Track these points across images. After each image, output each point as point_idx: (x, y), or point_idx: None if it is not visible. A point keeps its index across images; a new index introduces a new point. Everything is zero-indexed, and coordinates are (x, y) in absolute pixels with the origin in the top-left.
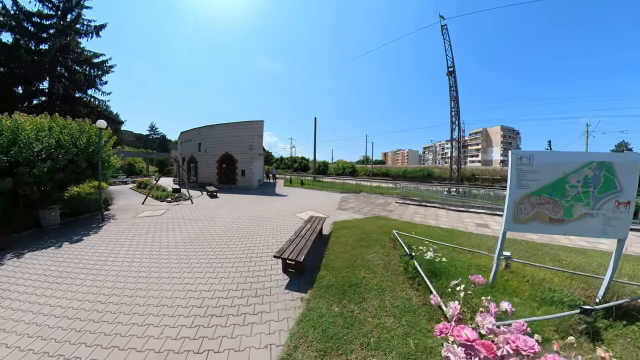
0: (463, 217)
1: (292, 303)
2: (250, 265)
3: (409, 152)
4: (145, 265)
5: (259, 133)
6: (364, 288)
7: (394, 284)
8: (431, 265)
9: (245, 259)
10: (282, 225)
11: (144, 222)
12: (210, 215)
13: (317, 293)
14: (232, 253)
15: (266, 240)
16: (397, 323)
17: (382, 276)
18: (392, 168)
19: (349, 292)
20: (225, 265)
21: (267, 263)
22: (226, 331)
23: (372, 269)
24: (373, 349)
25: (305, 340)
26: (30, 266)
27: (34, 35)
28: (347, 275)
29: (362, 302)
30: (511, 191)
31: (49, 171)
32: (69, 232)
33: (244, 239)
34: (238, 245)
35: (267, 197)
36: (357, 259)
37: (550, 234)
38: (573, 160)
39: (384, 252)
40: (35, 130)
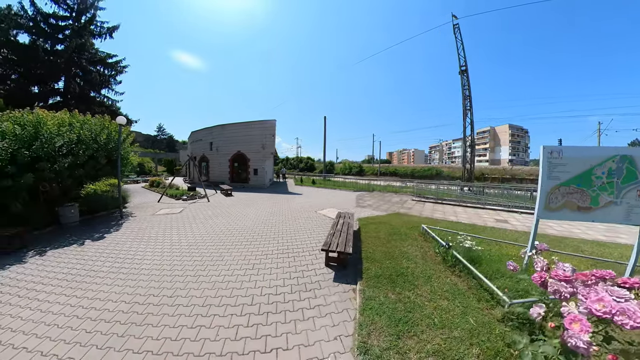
0: (481, 213)
1: (345, 295)
2: (289, 261)
3: (414, 152)
4: (177, 263)
5: (272, 132)
6: (411, 276)
7: (437, 272)
8: (468, 254)
9: (282, 255)
10: (308, 222)
11: (165, 220)
12: (230, 212)
13: (369, 283)
14: (267, 250)
15: (297, 236)
16: (452, 304)
17: (424, 265)
18: (399, 167)
19: (399, 281)
20: (264, 262)
21: (306, 258)
22: (288, 327)
23: (411, 259)
24: (439, 327)
25: (375, 327)
26: (54, 264)
27: (50, 36)
28: (390, 266)
29: (414, 289)
30: (543, 182)
31: (70, 167)
32: (89, 230)
33: (275, 235)
34: (271, 242)
35: (282, 195)
36: (394, 251)
37: (578, 220)
38: (598, 154)
39: (418, 244)
40: (57, 125)
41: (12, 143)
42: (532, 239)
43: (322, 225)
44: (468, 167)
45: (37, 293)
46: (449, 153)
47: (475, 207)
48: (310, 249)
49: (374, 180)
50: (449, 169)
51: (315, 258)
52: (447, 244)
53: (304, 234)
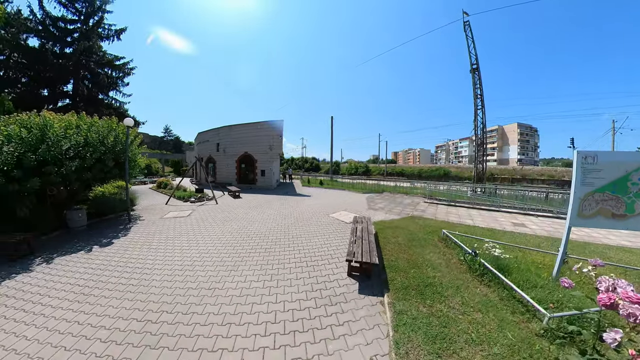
0: (496, 216)
1: (374, 308)
2: (309, 271)
3: (420, 152)
4: (190, 274)
5: (279, 132)
6: (440, 287)
7: (465, 282)
8: (496, 262)
9: (301, 263)
10: (322, 227)
11: (173, 224)
12: (240, 216)
13: (398, 295)
14: (284, 258)
15: (313, 242)
16: (487, 318)
17: (450, 274)
18: (406, 167)
19: (428, 292)
20: (282, 272)
21: (326, 267)
22: (319, 348)
23: (436, 268)
24: (478, 343)
25: (412, 345)
26: (61, 273)
27: (59, 39)
28: (416, 275)
29: (445, 301)
30: (576, 188)
31: (77, 170)
32: (96, 234)
33: (289, 241)
34: (286, 249)
35: (291, 197)
36: (417, 259)
37: (612, 228)
38: (635, 160)
39: (439, 251)
40: (64, 127)
41: (18, 147)
42: (563, 248)
43: (337, 230)
44: (480, 168)
45: (42, 307)
46: (456, 152)
47: (490, 210)
48: (329, 257)
49: (382, 181)
50: (457, 169)
51: (335, 267)
52: (474, 251)
53: (319, 240)
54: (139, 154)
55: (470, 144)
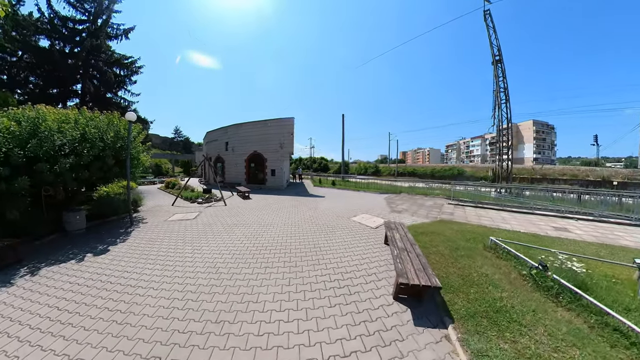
0: (532, 220)
1: (440, 347)
2: (344, 294)
3: (430, 151)
4: (192, 300)
5: (290, 130)
6: (512, 312)
7: (539, 304)
8: (574, 278)
9: (331, 283)
10: (346, 233)
11: (178, 228)
12: (252, 220)
13: (467, 327)
14: (308, 275)
15: (340, 253)
16: (586, 355)
17: (518, 295)
18: (418, 167)
19: (501, 320)
20: (312, 298)
21: (364, 287)
22: None
23: (498, 285)
24: None
25: None
26: (43, 289)
27: (68, 39)
28: (478, 296)
29: (527, 332)
30: None
31: (72, 168)
32: (94, 239)
33: (312, 253)
34: (309, 263)
35: (304, 198)
36: (471, 274)
37: None
38: None
39: (491, 262)
40: (58, 121)
41: (6, 141)
42: None
43: (365, 238)
44: (504, 167)
45: (9, 340)
46: (467, 152)
47: (522, 212)
48: (364, 273)
49: (394, 181)
50: (471, 168)
51: (375, 287)
52: (542, 264)
53: (347, 251)
54: (143, 151)
55: (482, 143)
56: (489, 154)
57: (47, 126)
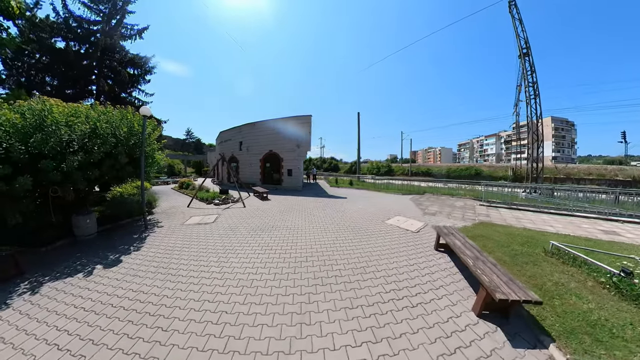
0: (576, 222)
1: None
2: (422, 314)
3: (441, 150)
4: (233, 332)
5: (307, 129)
6: (612, 327)
7: (633, 315)
8: None
9: (400, 301)
10: (388, 239)
11: (197, 233)
12: (277, 223)
13: (571, 346)
14: (370, 293)
15: (394, 263)
16: None
17: (607, 306)
18: (433, 167)
19: (604, 337)
20: (372, 312)
21: (439, 304)
22: None
23: (580, 295)
24: None
25: None
26: (42, 315)
27: (83, 39)
28: (565, 309)
29: (638, 350)
30: None
31: (81, 167)
32: (105, 246)
33: (362, 263)
34: (364, 276)
35: (325, 199)
36: (545, 283)
37: None
38: None
39: (561, 269)
40: (66, 114)
41: (7, 136)
42: None
43: (409, 243)
44: (535, 167)
45: None
46: (481, 151)
47: (562, 215)
48: (431, 286)
49: (411, 181)
50: (488, 168)
51: (450, 302)
52: (626, 271)
53: (395, 258)
54: (158, 149)
55: (497, 142)
56: (504, 153)
57: (54, 119)
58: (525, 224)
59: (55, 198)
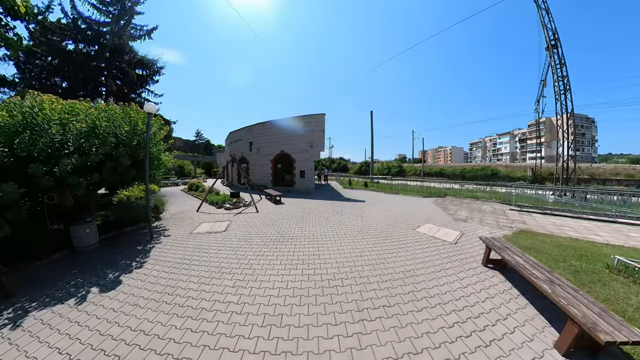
0: (622, 230)
1: None
2: (500, 357)
3: (452, 149)
4: None
5: (321, 128)
6: None
7: None
8: None
9: (468, 338)
10: (421, 250)
11: (208, 244)
12: (296, 232)
13: None
14: (430, 329)
15: (439, 287)
16: None
17: None
18: (446, 167)
19: None
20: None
21: (514, 338)
22: None
23: None
24: None
25: None
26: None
27: (92, 41)
28: None
29: None
30: None
31: (78, 171)
32: (105, 261)
33: (394, 279)
34: (415, 304)
35: (342, 203)
36: (625, 309)
37: None
38: None
39: (636, 291)
40: (60, 111)
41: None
42: None
43: (451, 257)
44: (566, 167)
45: None
46: (494, 150)
47: (604, 221)
48: (496, 315)
49: (425, 182)
50: (505, 168)
51: (526, 338)
52: None
53: (448, 281)
54: (165, 150)
55: (511, 140)
56: (519, 152)
57: (45, 116)
58: (568, 233)
59: (52, 205)
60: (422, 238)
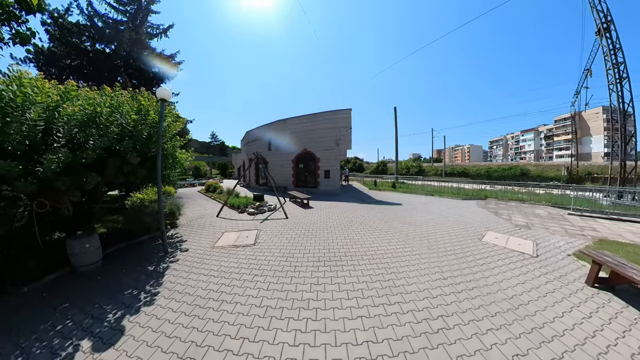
0: None
1: None
2: None
3: (470, 148)
4: None
5: (347, 124)
6: None
7: None
8: None
9: None
10: (512, 270)
11: (237, 266)
12: (345, 247)
13: None
14: None
15: (547, 314)
16: None
17: None
18: (469, 166)
19: None
20: None
21: None
22: None
23: None
24: None
25: None
26: None
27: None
28: None
29: None
30: None
31: (67, 169)
32: (106, 289)
33: (503, 312)
34: (526, 336)
35: (378, 206)
36: None
37: None
38: None
39: None
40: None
41: None
42: None
43: (548, 277)
44: (630, 165)
45: None
46: (517, 148)
47: None
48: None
49: (453, 183)
50: (535, 167)
51: None
52: None
53: (555, 308)
54: (182, 146)
55: (535, 137)
56: (545, 150)
57: (27, 97)
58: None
59: (44, 214)
60: (494, 250)
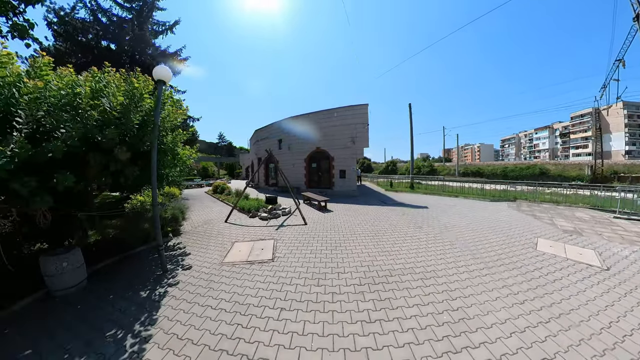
0: None
1: None
2: None
3: (480, 147)
4: None
5: (364, 120)
6: None
7: None
8: None
9: None
10: (590, 288)
11: (254, 291)
12: (384, 260)
13: None
14: None
15: None
16: None
17: None
18: (484, 166)
19: None
20: None
21: None
22: None
23: None
24: None
25: None
26: None
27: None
28: None
29: None
30: None
31: (29, 168)
32: (83, 326)
33: None
34: None
35: (401, 209)
36: None
37: None
38: None
39: None
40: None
41: None
42: None
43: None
44: None
45: None
46: (530, 146)
47: None
48: None
49: (472, 183)
50: (555, 166)
51: None
52: None
53: None
54: (183, 141)
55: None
56: (560, 148)
57: None
58: None
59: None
60: (557, 262)
